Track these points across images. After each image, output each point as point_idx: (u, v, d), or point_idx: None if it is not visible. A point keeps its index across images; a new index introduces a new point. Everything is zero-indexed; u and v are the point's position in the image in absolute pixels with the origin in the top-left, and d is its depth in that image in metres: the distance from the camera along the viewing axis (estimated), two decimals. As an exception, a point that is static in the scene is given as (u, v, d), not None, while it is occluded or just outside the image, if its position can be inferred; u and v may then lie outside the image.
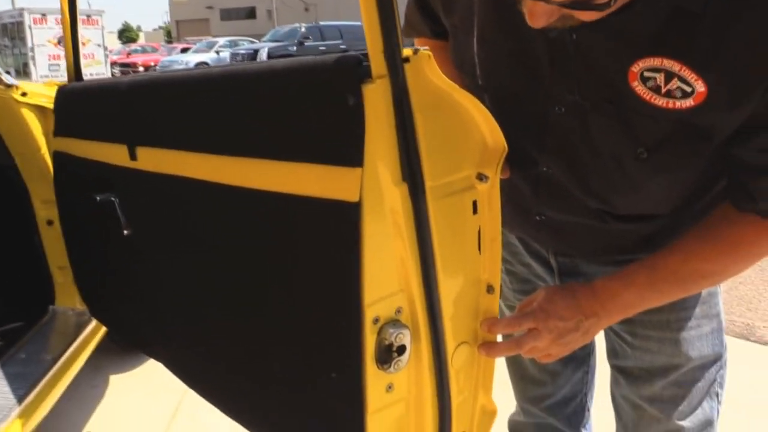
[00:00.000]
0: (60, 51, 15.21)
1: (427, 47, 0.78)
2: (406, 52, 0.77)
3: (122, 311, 1.64)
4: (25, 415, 1.43)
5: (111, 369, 2.54)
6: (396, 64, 0.76)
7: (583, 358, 1.30)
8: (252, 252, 0.99)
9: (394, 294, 0.88)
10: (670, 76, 0.79)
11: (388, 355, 0.89)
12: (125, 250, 1.42)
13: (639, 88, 0.81)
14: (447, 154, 0.86)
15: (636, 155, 0.86)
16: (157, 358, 1.53)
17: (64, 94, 1.53)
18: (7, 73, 1.75)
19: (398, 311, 0.89)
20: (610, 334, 1.13)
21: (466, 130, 0.87)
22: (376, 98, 0.77)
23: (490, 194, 0.91)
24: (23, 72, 16.01)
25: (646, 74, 0.80)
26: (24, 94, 1.77)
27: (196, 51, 24.32)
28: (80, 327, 1.88)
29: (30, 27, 15.91)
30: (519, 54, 0.93)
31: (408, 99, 0.78)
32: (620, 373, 1.13)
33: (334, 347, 0.92)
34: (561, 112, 0.90)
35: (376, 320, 0.87)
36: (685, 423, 1.05)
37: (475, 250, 0.94)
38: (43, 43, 16.05)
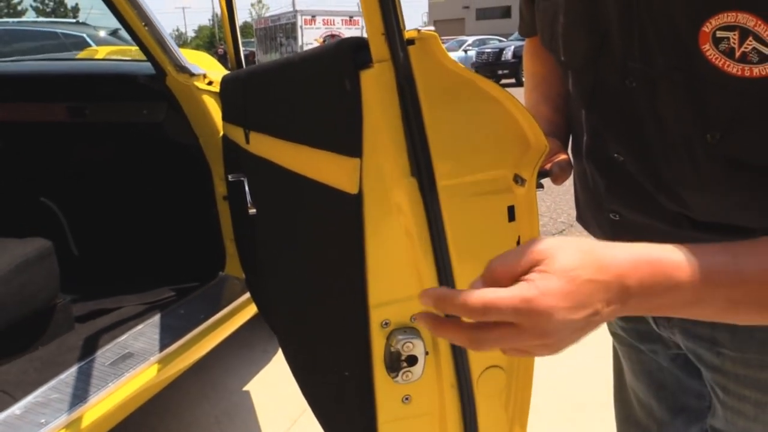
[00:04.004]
0: (324, 49, 16.86)
1: (432, 28, 0.70)
2: (411, 33, 0.70)
3: (254, 285, 1.78)
4: (162, 362, 1.62)
5: (283, 338, 2.76)
6: (397, 47, 0.69)
7: (699, 411, 1.06)
8: (297, 234, 1.00)
9: (409, 299, 0.81)
10: (745, 34, 0.61)
11: (397, 363, 0.82)
12: (252, 228, 1.53)
13: (710, 52, 0.64)
14: (470, 149, 0.76)
15: (706, 139, 0.68)
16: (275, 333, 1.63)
17: (224, 83, 1.69)
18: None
19: (414, 318, 0.82)
20: (708, 385, 0.90)
21: (496, 124, 0.76)
22: (376, 84, 0.71)
23: (528, 199, 0.79)
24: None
25: (719, 34, 0.64)
26: (210, 83, 2.00)
27: (447, 50, 25.13)
28: (239, 295, 2.07)
29: (301, 27, 17.96)
30: (592, 16, 0.79)
31: (413, 85, 0.71)
32: (714, 435, 0.90)
33: (345, 345, 0.88)
34: (632, 86, 0.75)
35: (385, 324, 0.82)
36: None
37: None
38: (311, 41, 17.99)
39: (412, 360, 0.81)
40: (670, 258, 0.55)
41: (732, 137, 0.67)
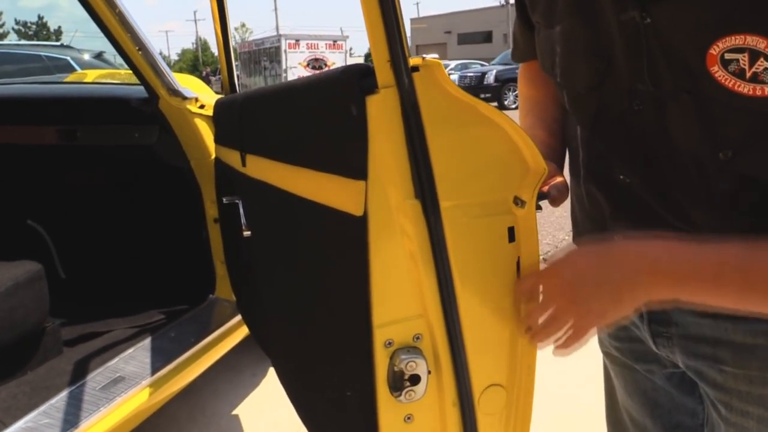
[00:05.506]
0: (308, 72, 17.08)
1: (436, 55, 0.72)
2: (415, 60, 0.73)
3: (247, 307, 1.78)
4: (154, 386, 1.61)
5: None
6: (402, 73, 0.72)
7: (693, 429, 1.08)
8: (297, 255, 1.01)
9: (412, 319, 0.83)
10: (755, 55, 0.64)
11: (400, 382, 0.83)
12: (246, 250, 1.53)
13: (719, 73, 0.67)
14: (472, 172, 0.78)
15: (718, 158, 0.71)
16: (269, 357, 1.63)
17: (218, 106, 1.71)
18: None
19: (417, 338, 0.84)
20: (706, 401, 0.92)
21: (497, 148, 0.78)
22: (382, 109, 0.73)
23: (528, 221, 0.81)
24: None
25: (728, 56, 0.66)
26: (202, 107, 2.01)
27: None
28: (230, 317, 2.06)
29: (285, 51, 18.08)
30: (595, 43, 0.82)
31: (417, 110, 0.73)
32: (716, 453, 0.92)
33: (348, 364, 0.89)
34: (638, 109, 0.78)
35: (389, 343, 0.83)
36: None
37: (513, 284, 0.84)
38: (295, 65, 18.11)
39: (415, 379, 0.82)
40: (682, 238, 0.70)
41: (744, 154, 0.69)
